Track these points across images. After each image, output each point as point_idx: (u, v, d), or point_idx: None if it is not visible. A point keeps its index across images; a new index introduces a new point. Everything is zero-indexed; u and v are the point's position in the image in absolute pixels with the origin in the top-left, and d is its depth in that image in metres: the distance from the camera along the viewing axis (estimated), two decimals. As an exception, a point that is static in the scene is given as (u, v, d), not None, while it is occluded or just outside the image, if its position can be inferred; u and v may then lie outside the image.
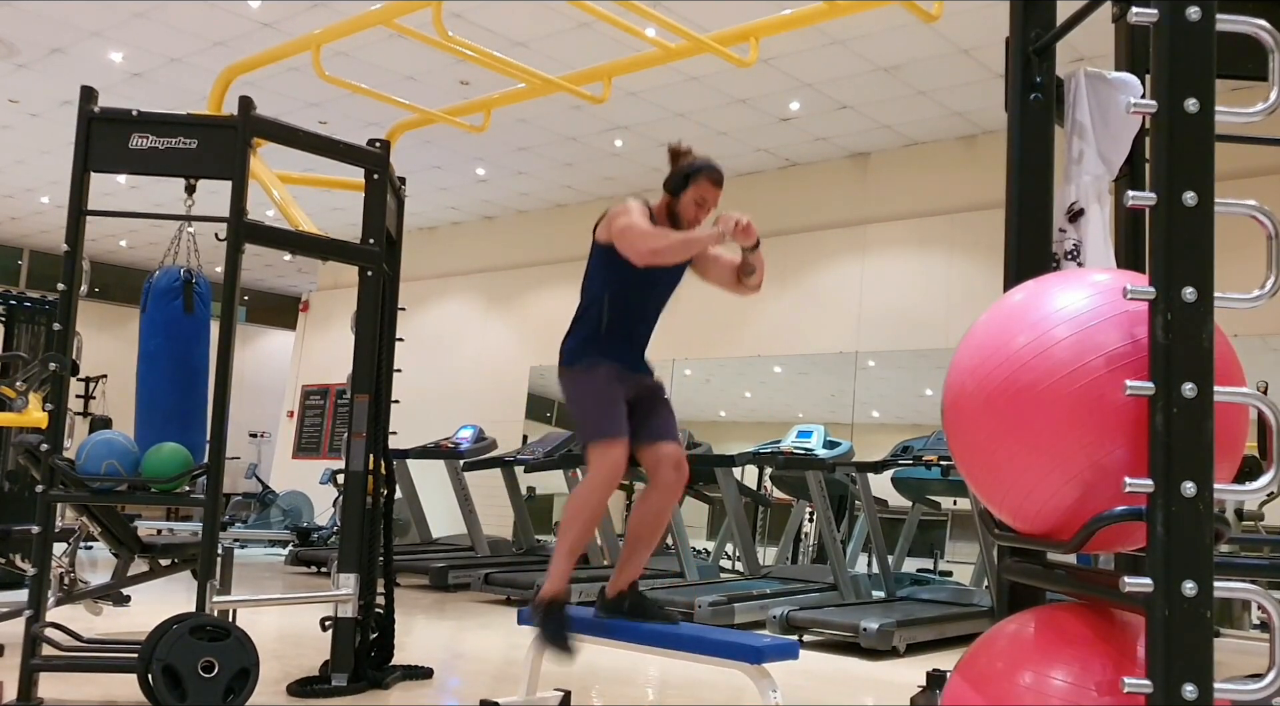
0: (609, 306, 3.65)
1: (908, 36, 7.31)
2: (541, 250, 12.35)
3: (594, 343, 3.65)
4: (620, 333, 3.67)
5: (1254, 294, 1.72)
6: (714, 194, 3.66)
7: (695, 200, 3.64)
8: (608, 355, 3.64)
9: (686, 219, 3.66)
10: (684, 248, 3.53)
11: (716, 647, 3.37)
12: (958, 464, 2.05)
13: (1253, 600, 1.69)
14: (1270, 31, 1.79)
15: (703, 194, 3.63)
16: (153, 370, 4.48)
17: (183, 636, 3.70)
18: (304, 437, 14.61)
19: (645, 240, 3.48)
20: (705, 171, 3.64)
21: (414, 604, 7.52)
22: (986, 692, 1.91)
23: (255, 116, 4.22)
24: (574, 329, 3.74)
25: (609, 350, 3.65)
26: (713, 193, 3.66)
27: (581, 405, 3.64)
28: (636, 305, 3.70)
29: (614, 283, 3.65)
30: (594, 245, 3.72)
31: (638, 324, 3.73)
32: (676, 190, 3.66)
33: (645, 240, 3.48)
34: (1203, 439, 1.66)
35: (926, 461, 7.01)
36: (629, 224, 3.53)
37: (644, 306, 3.73)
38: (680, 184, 3.65)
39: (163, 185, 11.21)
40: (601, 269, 3.69)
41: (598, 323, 3.66)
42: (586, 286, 3.75)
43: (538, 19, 7.34)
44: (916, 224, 9.57)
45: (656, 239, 3.49)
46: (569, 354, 3.69)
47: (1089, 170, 2.51)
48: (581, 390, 3.64)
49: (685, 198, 3.64)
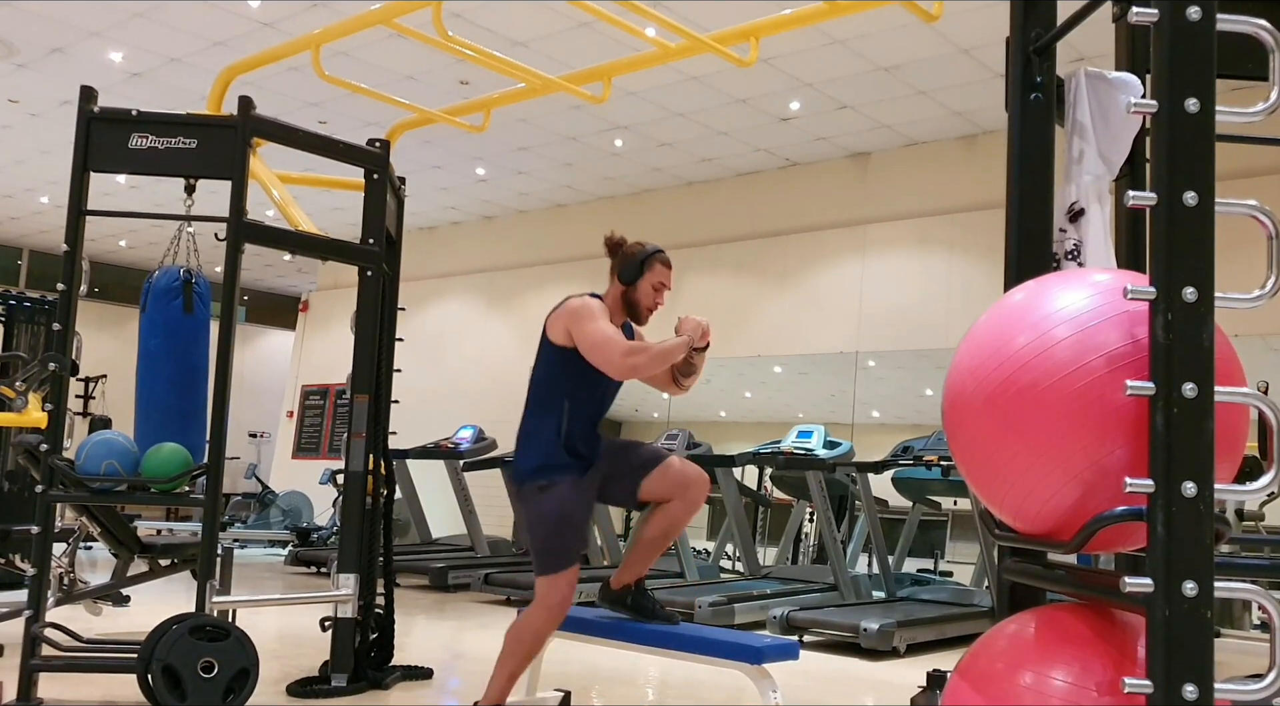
0: (570, 412, 3.51)
1: (908, 36, 7.31)
2: (541, 250, 12.35)
3: (554, 455, 3.49)
4: (579, 433, 3.53)
5: (1254, 294, 1.72)
6: (669, 276, 3.67)
7: (653, 285, 3.62)
8: (569, 466, 3.49)
9: (644, 306, 3.63)
10: (663, 360, 3.47)
11: (716, 647, 3.37)
12: (958, 464, 2.05)
13: (1253, 600, 1.68)
14: (1270, 31, 1.79)
15: (659, 278, 3.63)
16: (152, 370, 4.48)
17: (182, 636, 3.70)
18: (304, 438, 14.61)
19: (624, 356, 3.38)
20: (657, 256, 3.63)
21: (414, 604, 7.52)
22: (987, 693, 1.91)
23: (255, 116, 4.22)
24: (529, 442, 3.56)
25: (569, 458, 3.50)
26: (668, 276, 3.66)
27: (538, 530, 3.48)
28: (593, 405, 3.60)
29: (575, 387, 3.52)
30: (549, 346, 3.56)
31: (593, 420, 3.62)
32: (632, 279, 3.61)
33: (624, 356, 3.38)
34: (1203, 439, 1.66)
35: (927, 461, 7.01)
36: (603, 338, 3.41)
37: (601, 403, 3.65)
38: (636, 272, 3.60)
39: (163, 185, 11.21)
40: (562, 374, 3.54)
41: (558, 432, 3.50)
42: (543, 392, 3.59)
43: (538, 19, 7.34)
44: (916, 224, 9.57)
45: (635, 354, 3.41)
46: (530, 469, 3.52)
47: (1089, 170, 2.51)
48: (539, 513, 3.47)
49: (643, 284, 3.61)
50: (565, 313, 3.51)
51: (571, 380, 3.52)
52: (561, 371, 3.53)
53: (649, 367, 3.47)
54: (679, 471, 3.56)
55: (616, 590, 3.69)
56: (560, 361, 3.52)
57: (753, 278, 10.29)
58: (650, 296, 3.62)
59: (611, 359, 3.40)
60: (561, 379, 3.54)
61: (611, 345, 3.40)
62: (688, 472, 3.57)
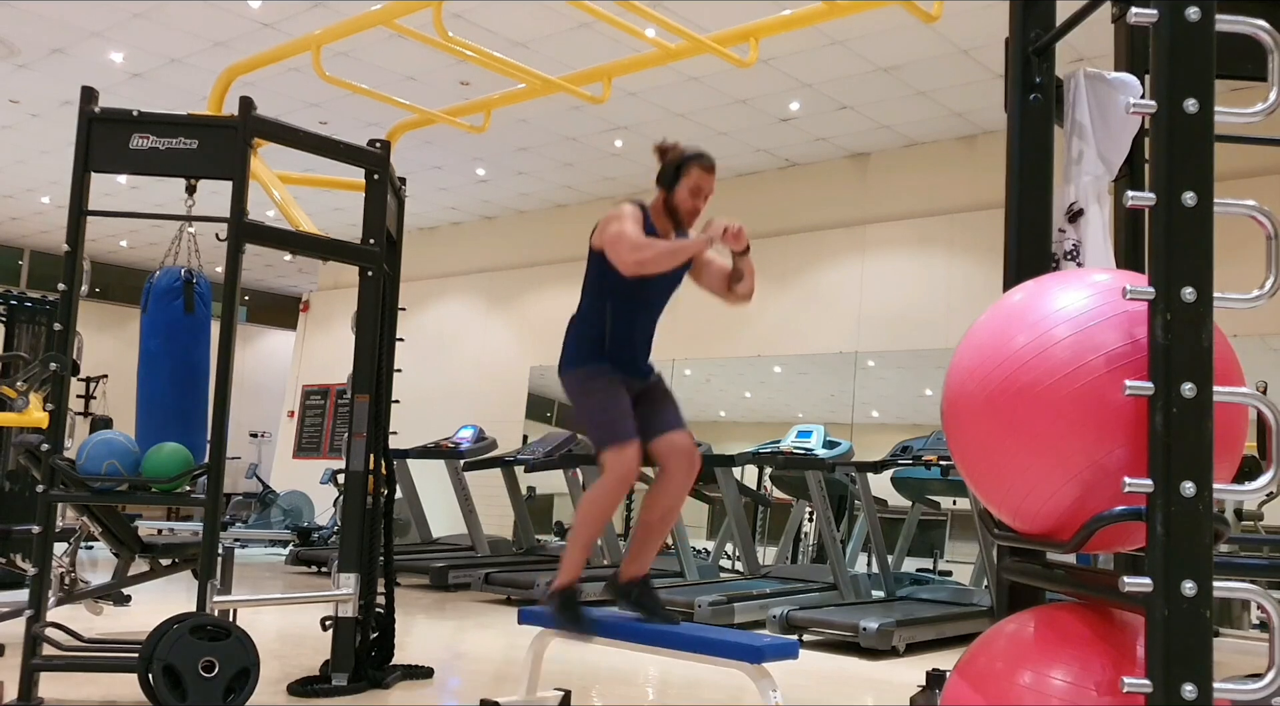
0: (609, 313, 3.64)
1: (908, 36, 7.31)
2: (541, 250, 12.35)
3: (595, 347, 3.65)
4: (621, 338, 3.66)
5: (1254, 294, 1.73)
6: (708, 181, 3.64)
7: (690, 190, 3.62)
8: (610, 360, 3.64)
9: (684, 211, 3.65)
10: (670, 256, 3.51)
11: (716, 647, 3.37)
12: (957, 464, 2.05)
13: (1252, 600, 1.69)
14: (1270, 32, 1.80)
15: (697, 182, 3.62)
16: (153, 370, 4.48)
17: (183, 636, 3.71)
18: (304, 437, 14.61)
19: (631, 251, 3.45)
20: (695, 160, 3.62)
21: (414, 604, 7.52)
22: (986, 692, 1.91)
23: (255, 116, 4.22)
24: (574, 333, 3.72)
25: (611, 355, 3.64)
26: (706, 180, 3.64)
27: (588, 410, 3.63)
28: (636, 310, 3.69)
29: (612, 289, 3.63)
30: (590, 252, 3.70)
31: (638, 328, 3.71)
32: (670, 184, 3.65)
33: (631, 251, 3.45)
34: (1202, 439, 1.66)
35: (926, 461, 7.01)
36: (617, 233, 3.50)
37: (644, 311, 3.72)
38: (673, 177, 3.63)
39: (163, 185, 11.21)
40: (598, 276, 3.67)
41: (599, 330, 3.65)
42: (585, 292, 3.74)
43: (538, 19, 7.34)
44: (916, 224, 9.57)
45: (642, 249, 3.46)
46: (570, 358, 3.68)
47: (1088, 170, 2.51)
48: (587, 394, 3.63)
49: (680, 190, 3.63)
50: (603, 218, 3.62)
51: (608, 284, 3.61)
52: (599, 276, 3.65)
53: (657, 263, 3.49)
54: (676, 445, 3.65)
55: (624, 583, 3.72)
56: (597, 265, 3.65)
57: (753, 277, 10.28)
58: (688, 201, 3.64)
59: (621, 254, 3.48)
60: (599, 283, 3.65)
61: (622, 241, 3.47)
62: (681, 448, 3.66)
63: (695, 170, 3.61)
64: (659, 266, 3.52)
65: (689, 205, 3.64)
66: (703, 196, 3.65)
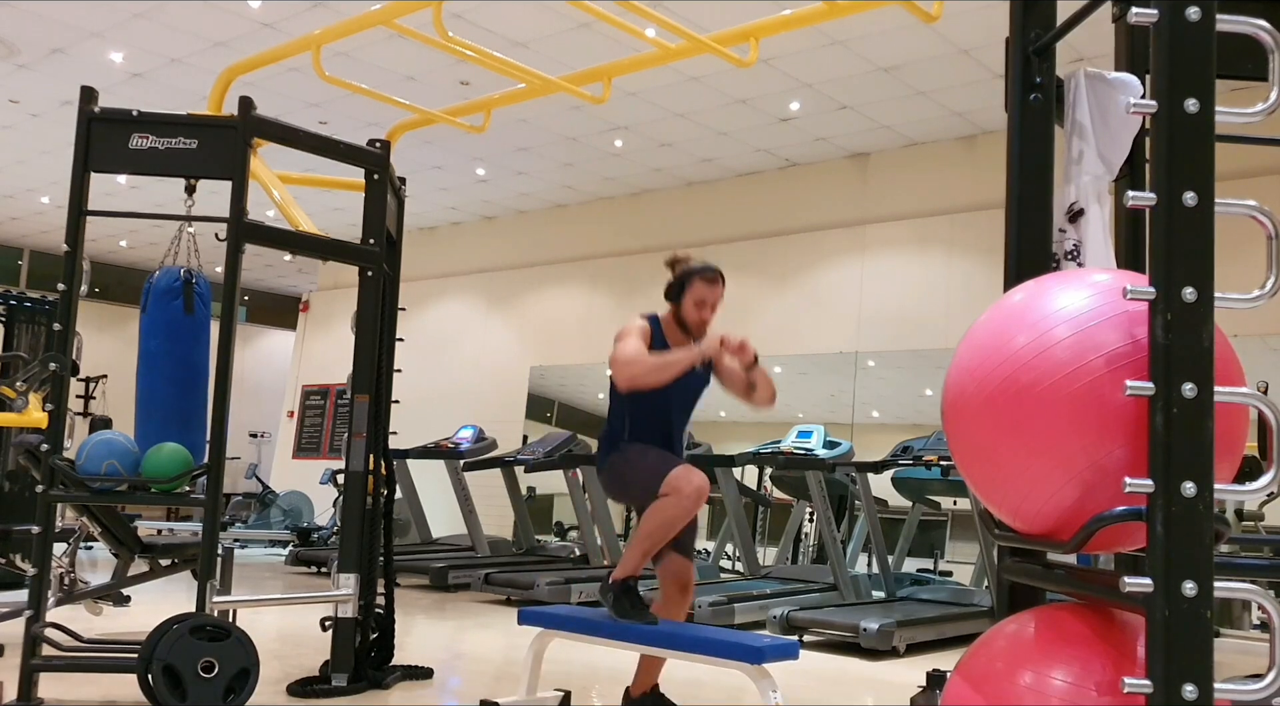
0: (634, 421, 3.74)
1: (908, 36, 7.31)
2: (541, 250, 12.35)
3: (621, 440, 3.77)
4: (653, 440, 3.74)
5: (1254, 294, 1.72)
6: (711, 293, 3.75)
7: (694, 303, 3.73)
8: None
9: (691, 323, 3.76)
10: (660, 371, 3.58)
11: (716, 647, 3.37)
12: (958, 464, 2.05)
13: (1253, 600, 1.69)
14: (1270, 31, 1.79)
15: (700, 295, 3.73)
16: (153, 370, 4.48)
17: (183, 636, 3.70)
18: (304, 438, 14.61)
19: (623, 368, 3.58)
20: (698, 274, 3.74)
21: (414, 604, 7.52)
22: (986, 692, 1.91)
23: (255, 116, 4.22)
24: (603, 441, 3.85)
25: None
26: (710, 292, 3.74)
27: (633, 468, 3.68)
28: (662, 416, 3.77)
29: (635, 398, 3.70)
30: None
31: (670, 431, 3.79)
32: (676, 298, 3.77)
33: (623, 368, 3.58)
34: (1203, 439, 1.66)
35: (926, 461, 7.01)
36: (617, 351, 3.62)
37: (669, 416, 3.79)
38: (678, 292, 3.76)
39: (163, 185, 11.21)
40: (615, 388, 3.76)
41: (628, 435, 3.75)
42: (611, 408, 3.83)
43: (538, 19, 7.34)
44: (916, 224, 9.57)
45: (632, 366, 3.56)
46: (606, 456, 3.78)
47: (1089, 170, 2.51)
48: (626, 462, 3.71)
49: (685, 303, 3.75)
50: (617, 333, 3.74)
51: (627, 396, 3.71)
52: (615, 387, 3.75)
53: (647, 377, 3.59)
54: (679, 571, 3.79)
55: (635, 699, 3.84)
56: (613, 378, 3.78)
57: (753, 278, 10.29)
58: (694, 313, 3.75)
59: (616, 373, 3.62)
60: (619, 395, 3.75)
61: (618, 358, 3.60)
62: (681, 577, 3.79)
63: (698, 284, 3.73)
64: (649, 381, 3.60)
65: (695, 317, 3.75)
66: (708, 307, 3.76)
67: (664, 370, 3.59)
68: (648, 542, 3.61)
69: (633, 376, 3.57)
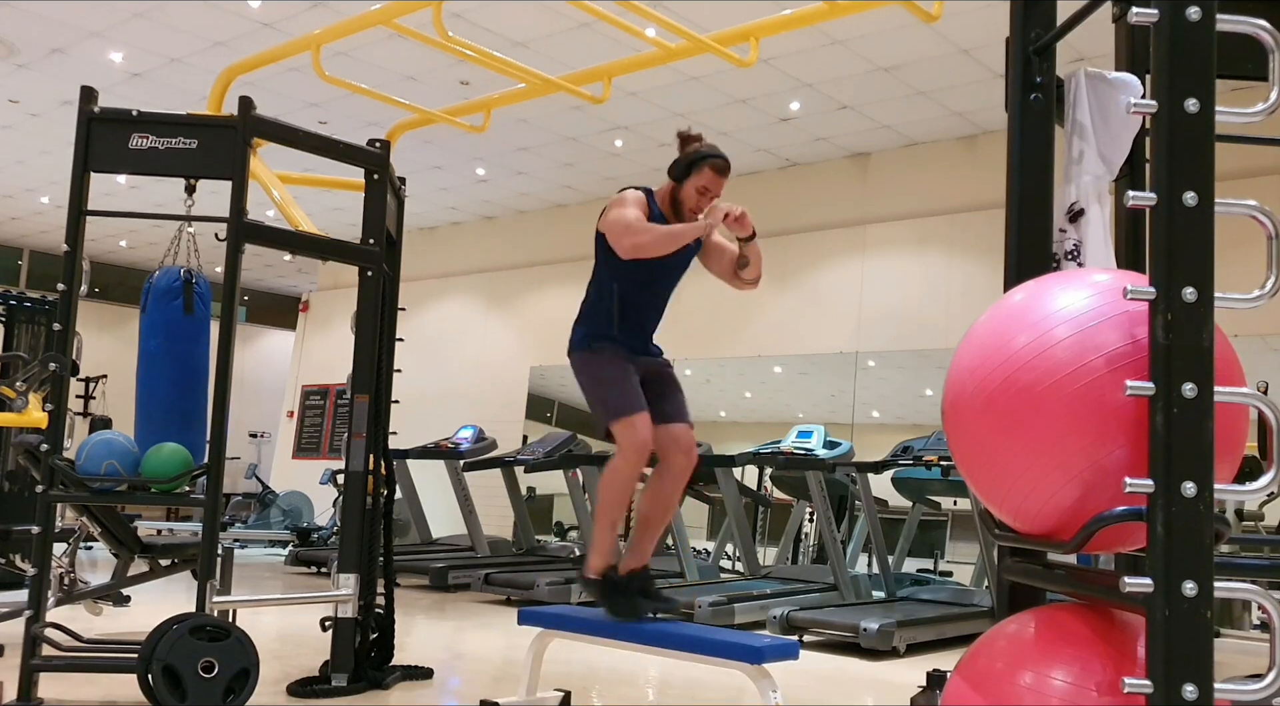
0: (618, 295, 3.68)
1: (908, 36, 7.31)
2: (541, 250, 12.35)
3: (604, 328, 3.69)
4: (630, 320, 3.71)
5: (1254, 294, 1.72)
6: (717, 183, 3.65)
7: (698, 188, 3.63)
8: (617, 341, 3.68)
9: (689, 206, 3.66)
10: (668, 240, 3.52)
11: (716, 647, 3.37)
12: (958, 464, 2.05)
13: (1253, 600, 1.69)
14: (1270, 31, 1.79)
15: (705, 183, 3.63)
16: (153, 370, 4.48)
17: (183, 636, 3.70)
18: (304, 438, 14.61)
19: (628, 235, 3.50)
20: (709, 160, 3.63)
21: (414, 604, 7.52)
22: (986, 692, 1.91)
23: (255, 116, 4.22)
24: (583, 317, 3.77)
25: (619, 336, 3.69)
26: (716, 181, 3.64)
27: (596, 386, 3.67)
28: (645, 292, 3.73)
29: (618, 272, 3.66)
30: (597, 235, 3.73)
31: (647, 311, 3.76)
32: (680, 177, 3.67)
33: (628, 235, 3.50)
34: (1203, 439, 1.66)
35: (926, 461, 7.01)
36: (616, 217, 3.54)
37: (652, 293, 3.76)
38: (684, 171, 3.65)
39: (163, 185, 11.21)
40: (605, 259, 3.70)
41: (608, 312, 3.69)
42: (595, 275, 3.77)
43: (538, 19, 7.34)
44: (916, 224, 9.57)
45: (639, 233, 3.49)
46: (579, 339, 3.72)
47: (1089, 170, 2.51)
48: (594, 371, 3.67)
49: (688, 185, 3.64)
50: (609, 201, 3.66)
51: (615, 267, 3.64)
52: (606, 258, 3.68)
53: (654, 246, 3.52)
54: (677, 437, 3.70)
55: (624, 575, 3.71)
56: (604, 248, 3.67)
57: (753, 278, 10.28)
58: (693, 198, 3.66)
59: (618, 238, 3.52)
60: (606, 267, 3.69)
61: (621, 225, 3.51)
62: (682, 441, 3.71)
63: (708, 169, 3.63)
64: (656, 250, 3.54)
65: (694, 202, 3.66)
66: (709, 197, 3.67)
67: (673, 239, 3.52)
68: (607, 515, 3.60)
69: (638, 244, 3.49)
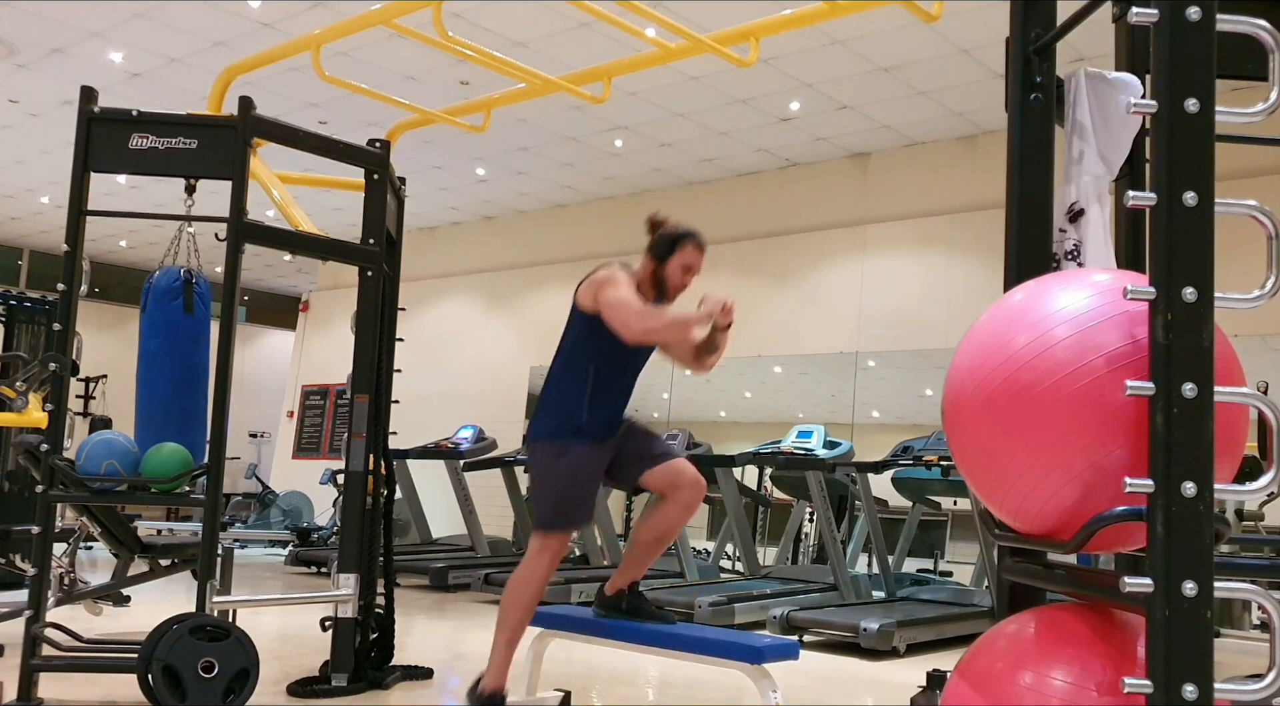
0: (594, 377, 3.58)
1: (908, 36, 7.31)
2: (541, 250, 12.35)
3: (573, 420, 3.57)
4: (607, 398, 3.62)
5: (1254, 294, 1.72)
6: (699, 260, 3.67)
7: (682, 266, 3.64)
8: (585, 434, 3.57)
9: (674, 284, 3.67)
10: (677, 328, 3.52)
11: (716, 647, 3.37)
12: (958, 464, 2.05)
13: (1253, 600, 1.68)
14: (1270, 31, 1.79)
15: (689, 260, 3.65)
16: (153, 370, 4.48)
17: (183, 636, 3.70)
18: (304, 438, 14.61)
19: (639, 320, 3.43)
20: (691, 237, 3.65)
21: (414, 604, 7.52)
22: (986, 692, 1.91)
23: (255, 116, 4.22)
24: (551, 406, 3.63)
25: (592, 424, 3.58)
26: (698, 259, 3.67)
27: (556, 483, 3.57)
28: (621, 374, 3.66)
29: (601, 352, 3.58)
30: (578, 313, 3.63)
31: (621, 392, 3.69)
32: (663, 256, 3.65)
33: (639, 320, 3.43)
34: (1203, 439, 1.66)
35: (926, 461, 7.01)
36: (621, 300, 3.46)
37: (631, 375, 3.71)
38: (667, 249, 3.65)
39: (163, 185, 11.21)
40: (587, 337, 3.60)
41: (581, 396, 3.58)
42: (569, 358, 3.64)
43: (538, 19, 7.34)
44: (916, 224, 9.57)
45: (650, 319, 3.46)
46: (548, 429, 3.60)
47: (1089, 170, 2.51)
48: (561, 469, 3.56)
49: (672, 264, 3.64)
50: (594, 279, 3.58)
51: (596, 347, 3.58)
52: (587, 338, 3.60)
53: (664, 333, 3.52)
54: (680, 472, 3.63)
55: (611, 596, 3.73)
56: (587, 328, 3.59)
57: (753, 278, 10.29)
58: (678, 276, 3.66)
59: (628, 321, 3.45)
60: (586, 346, 3.60)
61: (629, 307, 3.46)
62: (686, 474, 3.64)
63: (690, 247, 3.64)
64: (666, 337, 3.56)
65: (678, 280, 3.66)
66: (692, 274, 3.68)
67: (680, 327, 3.50)
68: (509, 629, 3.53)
69: (649, 330, 3.46)
